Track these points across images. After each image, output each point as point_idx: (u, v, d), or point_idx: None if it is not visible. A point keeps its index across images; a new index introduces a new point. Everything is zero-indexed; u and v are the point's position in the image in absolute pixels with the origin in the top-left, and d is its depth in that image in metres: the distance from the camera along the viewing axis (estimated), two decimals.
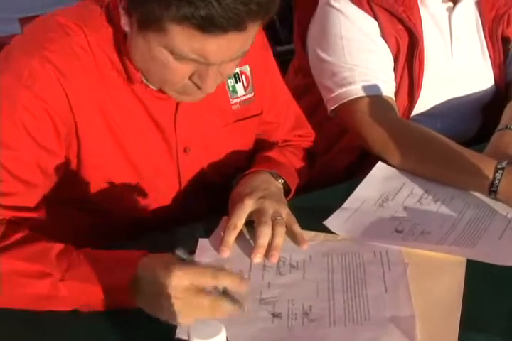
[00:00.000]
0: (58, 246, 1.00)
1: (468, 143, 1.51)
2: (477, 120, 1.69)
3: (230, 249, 1.08)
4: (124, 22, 1.03)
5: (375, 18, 1.45)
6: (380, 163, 1.36)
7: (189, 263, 0.94)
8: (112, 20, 1.09)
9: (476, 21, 1.59)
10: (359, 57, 1.44)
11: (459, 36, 1.55)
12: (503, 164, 1.23)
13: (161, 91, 1.13)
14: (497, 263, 1.05)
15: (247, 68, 1.27)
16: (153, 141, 1.19)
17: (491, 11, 1.58)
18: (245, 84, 1.27)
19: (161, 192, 1.26)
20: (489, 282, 1.04)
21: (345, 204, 1.25)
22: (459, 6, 1.53)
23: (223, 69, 1.04)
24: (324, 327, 0.94)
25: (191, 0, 0.89)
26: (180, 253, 0.94)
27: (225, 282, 0.91)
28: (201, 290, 0.90)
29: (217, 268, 0.92)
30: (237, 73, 1.25)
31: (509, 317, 0.98)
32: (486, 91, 1.62)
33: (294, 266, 1.08)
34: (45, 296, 0.96)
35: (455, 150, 1.30)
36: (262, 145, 1.38)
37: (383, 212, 1.23)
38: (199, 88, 1.05)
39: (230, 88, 1.25)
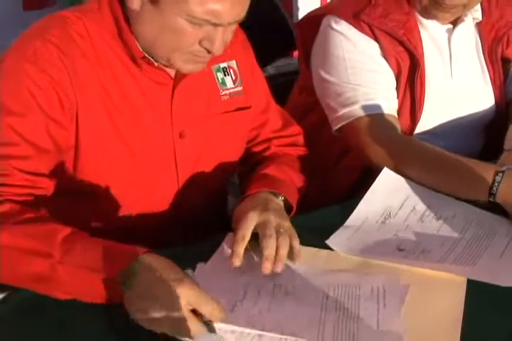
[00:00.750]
0: (67, 230, 1.04)
1: None
2: (480, 139, 1.72)
3: (240, 260, 1.12)
4: (131, 1, 1.14)
5: (376, 40, 1.50)
6: (385, 169, 1.38)
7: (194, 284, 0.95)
8: (111, 10, 1.20)
9: (476, 42, 1.63)
10: (362, 77, 1.48)
11: (458, 57, 1.59)
12: (504, 168, 1.27)
13: (160, 70, 1.23)
14: (497, 283, 1.08)
15: (234, 63, 1.36)
16: (150, 124, 1.26)
17: (490, 31, 1.62)
18: (233, 78, 1.37)
19: (158, 182, 1.30)
20: (489, 302, 1.06)
21: (347, 223, 1.28)
22: (458, 27, 1.57)
23: (226, 32, 1.16)
24: None
25: None
26: (190, 273, 0.98)
27: (212, 315, 0.92)
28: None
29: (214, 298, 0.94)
30: (226, 67, 1.36)
31: (508, 338, 1.00)
32: (487, 110, 1.66)
33: (288, 293, 1.08)
34: (43, 277, 1.01)
35: (455, 159, 1.35)
36: (255, 151, 1.45)
37: (385, 229, 1.26)
38: (209, 51, 1.17)
39: (220, 80, 1.35)
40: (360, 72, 1.48)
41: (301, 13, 2.85)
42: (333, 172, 1.63)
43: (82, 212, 1.25)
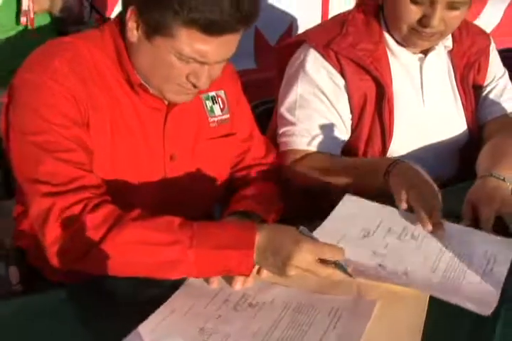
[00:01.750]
0: (177, 219, 1.17)
1: (447, 184, 1.62)
2: (454, 162, 1.77)
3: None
4: (130, 34, 1.26)
5: (341, 70, 1.58)
6: (347, 196, 1.42)
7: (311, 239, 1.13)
8: (113, 38, 1.31)
9: (448, 69, 1.70)
10: (306, 114, 1.59)
11: (430, 84, 1.66)
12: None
13: (155, 98, 1.33)
14: (478, 311, 1.10)
15: (222, 92, 1.47)
16: (144, 146, 1.35)
17: (462, 58, 1.70)
18: (221, 106, 1.47)
19: (145, 198, 1.35)
20: (449, 315, 1.10)
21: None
22: (429, 55, 1.64)
23: (213, 70, 1.27)
24: None
25: (197, 6, 1.16)
26: (304, 231, 1.13)
27: (339, 256, 1.13)
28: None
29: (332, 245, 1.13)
30: (214, 96, 1.46)
31: None
32: (460, 135, 1.72)
33: (251, 305, 1.13)
34: (172, 262, 1.13)
35: (354, 159, 1.54)
36: (237, 176, 1.53)
37: (364, 246, 1.28)
38: (194, 86, 1.27)
39: (208, 108, 1.46)
40: (305, 110, 1.60)
41: (302, 28, 2.93)
42: (312, 193, 1.68)
43: None
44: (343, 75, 1.59)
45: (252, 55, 2.48)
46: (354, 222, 1.35)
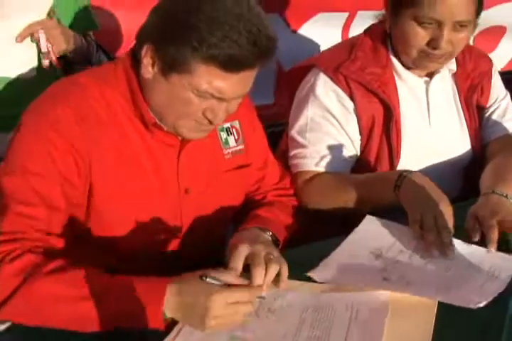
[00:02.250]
0: (90, 271, 1.16)
1: (452, 202, 1.67)
2: (459, 180, 1.84)
3: None
4: (145, 70, 1.27)
5: (351, 94, 1.65)
6: (368, 217, 1.49)
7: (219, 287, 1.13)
8: (127, 76, 1.32)
9: (453, 91, 1.77)
10: (316, 137, 1.66)
11: (436, 105, 1.74)
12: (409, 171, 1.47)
13: (169, 134, 1.34)
14: (465, 305, 1.18)
15: (236, 123, 1.49)
16: (158, 181, 1.37)
17: (466, 81, 1.78)
18: (236, 137, 1.49)
19: (163, 230, 1.41)
20: (457, 322, 1.17)
21: (329, 259, 1.37)
22: (435, 78, 1.72)
23: (230, 105, 1.29)
24: None
25: (217, 43, 1.18)
26: (211, 279, 1.14)
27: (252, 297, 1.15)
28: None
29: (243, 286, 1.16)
30: (229, 127, 1.47)
31: None
32: (464, 154, 1.79)
33: (271, 311, 1.21)
34: (80, 318, 1.12)
35: (363, 175, 1.58)
36: (252, 202, 1.55)
37: (373, 265, 1.36)
38: (210, 122, 1.28)
39: (223, 140, 1.47)
40: (316, 133, 1.66)
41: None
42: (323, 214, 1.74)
43: (88, 257, 1.29)
44: (352, 98, 1.66)
45: (271, 90, 2.53)
46: (368, 243, 1.42)
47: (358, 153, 1.71)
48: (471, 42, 1.91)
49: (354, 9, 2.47)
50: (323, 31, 2.39)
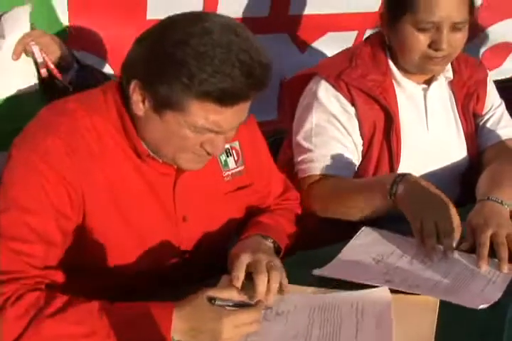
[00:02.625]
0: (96, 305, 1.15)
1: None
2: (456, 186, 1.88)
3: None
4: (136, 107, 1.23)
5: (353, 101, 1.69)
6: (365, 228, 1.54)
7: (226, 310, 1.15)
8: (116, 107, 1.28)
9: (450, 98, 1.82)
10: (322, 141, 1.69)
11: (433, 112, 1.78)
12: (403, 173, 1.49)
13: (165, 164, 1.32)
14: (465, 305, 1.23)
15: (236, 144, 1.46)
16: (154, 211, 1.36)
17: (462, 88, 1.82)
18: (236, 158, 1.46)
19: (162, 259, 1.41)
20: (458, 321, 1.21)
21: (334, 262, 1.42)
22: (432, 85, 1.77)
23: (229, 134, 1.27)
24: None
25: (208, 78, 1.13)
26: (220, 302, 1.15)
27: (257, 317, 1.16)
28: None
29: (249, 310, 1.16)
30: (229, 148, 1.44)
31: None
32: (461, 161, 1.84)
33: (279, 314, 1.24)
34: None
35: (360, 179, 1.61)
36: (255, 211, 1.55)
37: (375, 267, 1.40)
38: (209, 153, 1.26)
39: (222, 162, 1.44)
40: (321, 137, 1.69)
41: None
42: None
43: (88, 286, 1.30)
44: (353, 105, 1.69)
45: (274, 106, 2.55)
46: (368, 250, 1.46)
47: (360, 158, 1.75)
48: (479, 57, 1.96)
49: (363, 28, 2.47)
50: (332, 51, 2.37)
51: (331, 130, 1.70)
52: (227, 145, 1.41)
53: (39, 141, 1.25)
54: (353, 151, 1.72)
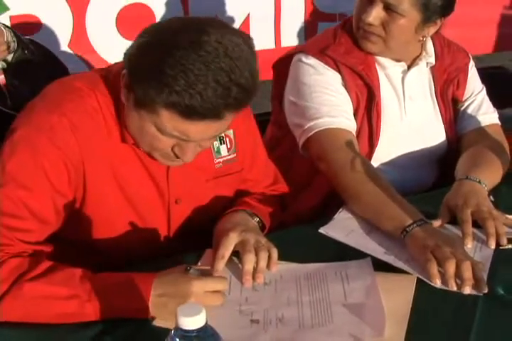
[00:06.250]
0: (79, 271, 1.26)
1: (428, 190, 1.87)
2: (434, 170, 1.99)
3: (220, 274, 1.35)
4: (124, 96, 1.30)
5: (340, 72, 1.78)
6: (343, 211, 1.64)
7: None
8: (114, 89, 1.35)
9: (429, 83, 1.92)
10: (324, 99, 1.76)
11: (411, 96, 1.88)
12: (423, 222, 1.48)
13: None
14: None
15: (231, 132, 1.53)
16: (151, 191, 1.45)
17: (442, 74, 1.91)
18: (229, 146, 1.53)
19: (154, 236, 1.51)
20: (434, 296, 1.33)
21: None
22: (412, 69, 1.87)
23: (202, 143, 1.32)
24: (295, 330, 1.22)
25: (179, 90, 1.17)
26: (194, 271, 1.27)
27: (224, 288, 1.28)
28: None
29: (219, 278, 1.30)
30: (222, 136, 1.50)
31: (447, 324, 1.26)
32: (439, 145, 1.94)
33: (267, 284, 1.35)
34: (72, 314, 1.22)
35: (394, 200, 1.57)
36: (243, 195, 1.63)
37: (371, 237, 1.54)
38: (178, 158, 1.32)
39: (215, 149, 1.52)
40: (323, 95, 1.76)
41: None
42: (299, 198, 1.89)
43: (73, 257, 1.38)
44: (341, 76, 1.78)
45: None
46: (357, 222, 1.60)
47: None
48: None
49: None
50: None
51: (329, 93, 1.76)
52: (222, 133, 1.44)
53: (44, 118, 1.31)
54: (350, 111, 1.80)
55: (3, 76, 1.77)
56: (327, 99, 1.76)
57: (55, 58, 2.07)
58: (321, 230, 1.55)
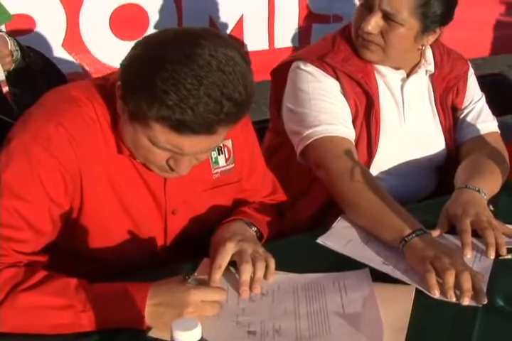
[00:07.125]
0: (74, 281, 1.25)
1: (427, 198, 1.87)
2: (433, 178, 2.00)
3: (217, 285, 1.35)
4: (119, 107, 1.30)
5: (338, 80, 1.78)
6: (342, 219, 1.64)
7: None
8: (111, 99, 1.34)
9: (429, 91, 1.92)
10: (323, 107, 1.76)
11: (410, 103, 1.89)
12: (422, 232, 1.48)
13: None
14: None
15: (229, 142, 1.52)
16: (146, 202, 1.45)
17: (442, 82, 1.92)
18: (227, 156, 1.53)
19: (150, 246, 1.51)
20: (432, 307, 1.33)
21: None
22: (412, 77, 1.87)
23: (197, 156, 1.32)
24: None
25: (170, 105, 1.16)
26: (192, 281, 1.27)
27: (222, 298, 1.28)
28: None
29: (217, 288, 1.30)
30: (221, 146, 1.50)
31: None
32: (438, 153, 1.94)
33: (264, 294, 1.35)
34: (67, 325, 1.22)
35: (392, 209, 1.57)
36: (241, 205, 1.62)
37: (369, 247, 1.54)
38: (173, 170, 1.32)
39: (213, 159, 1.51)
40: (321, 103, 1.76)
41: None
42: (297, 206, 1.89)
43: (75, 264, 1.40)
44: (339, 83, 1.78)
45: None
46: (356, 232, 1.59)
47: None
48: None
49: None
50: None
51: (327, 100, 1.77)
52: (220, 144, 1.43)
53: (41, 127, 1.31)
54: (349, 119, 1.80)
55: (7, 88, 1.78)
56: (325, 107, 1.76)
57: (53, 65, 2.08)
58: (319, 240, 1.55)
